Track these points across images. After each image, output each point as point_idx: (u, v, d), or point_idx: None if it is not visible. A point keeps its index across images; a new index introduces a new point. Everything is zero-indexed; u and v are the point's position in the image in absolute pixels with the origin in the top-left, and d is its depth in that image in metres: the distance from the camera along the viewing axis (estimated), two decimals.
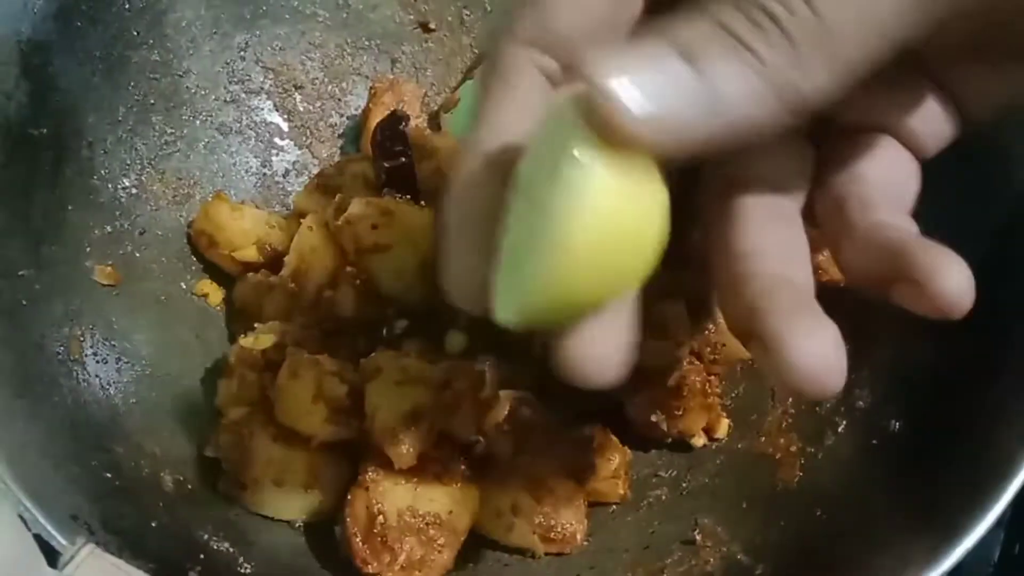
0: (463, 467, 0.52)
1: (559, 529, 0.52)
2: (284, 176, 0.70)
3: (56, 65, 0.58)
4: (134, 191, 0.62)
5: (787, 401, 0.59)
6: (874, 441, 0.53)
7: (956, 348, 0.53)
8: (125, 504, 0.48)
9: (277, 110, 0.70)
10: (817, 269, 0.58)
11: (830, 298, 0.60)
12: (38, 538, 0.42)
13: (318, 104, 0.71)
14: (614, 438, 0.56)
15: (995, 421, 0.49)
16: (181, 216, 0.64)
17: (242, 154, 0.69)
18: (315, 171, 0.69)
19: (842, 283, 0.59)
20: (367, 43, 0.72)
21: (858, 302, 0.60)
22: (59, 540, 0.42)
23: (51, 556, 0.43)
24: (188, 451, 0.55)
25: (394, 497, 0.49)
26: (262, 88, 0.69)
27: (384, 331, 0.56)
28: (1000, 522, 0.48)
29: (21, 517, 0.42)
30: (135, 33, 0.63)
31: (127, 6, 0.62)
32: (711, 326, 0.57)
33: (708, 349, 0.57)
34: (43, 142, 0.57)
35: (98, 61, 0.61)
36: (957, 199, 0.56)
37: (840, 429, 0.56)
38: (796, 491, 0.54)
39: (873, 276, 0.36)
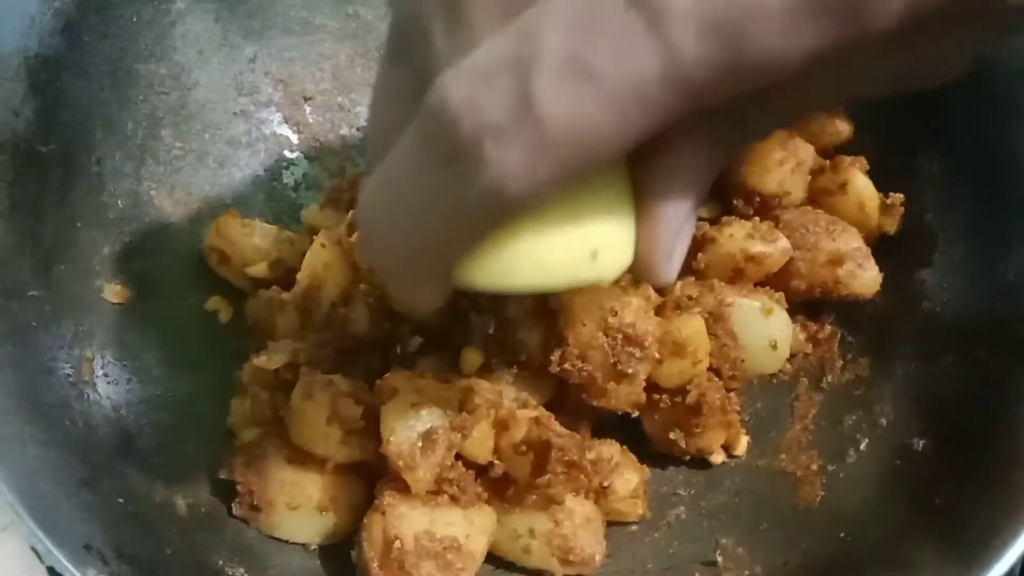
0: (480, 489, 0.51)
1: (578, 551, 0.51)
2: (295, 189, 0.69)
3: (64, 80, 0.57)
4: (144, 207, 0.62)
5: (807, 417, 0.58)
6: (897, 460, 0.53)
7: (981, 364, 0.53)
8: (139, 531, 0.48)
9: (287, 122, 0.69)
10: (837, 283, 0.58)
11: (850, 313, 0.60)
12: (51, 570, 0.41)
13: (328, 116, 0.70)
14: (632, 456, 0.56)
15: (1022, 442, 0.48)
16: (191, 232, 0.63)
17: (252, 167, 0.68)
18: (326, 184, 0.68)
19: (862, 298, 0.59)
20: (377, 53, 0.71)
21: (878, 317, 0.60)
22: (72, 572, 0.42)
23: None
24: (201, 474, 0.54)
25: (411, 521, 0.49)
26: (271, 100, 0.69)
27: (398, 349, 0.55)
28: None
29: (33, 549, 0.41)
30: (143, 46, 0.62)
31: (135, 19, 0.62)
32: (729, 342, 0.56)
33: (727, 365, 0.57)
34: (52, 159, 0.56)
35: (106, 76, 0.60)
36: (981, 216, 0.56)
37: (862, 447, 0.55)
38: (818, 511, 0.53)
39: None
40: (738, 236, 0.58)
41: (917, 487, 0.51)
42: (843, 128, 0.63)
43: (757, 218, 0.60)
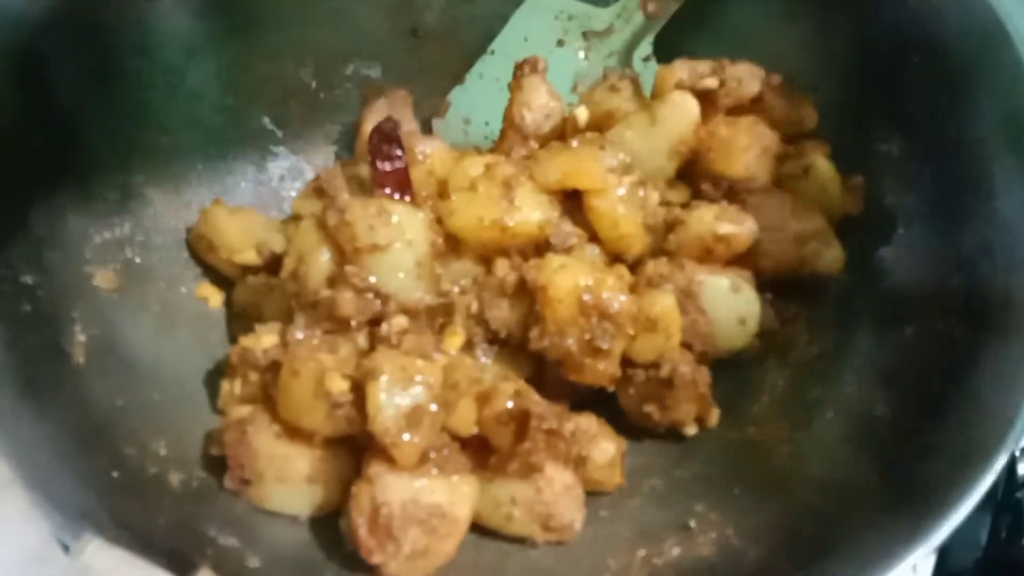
0: (463, 459, 0.53)
1: (558, 518, 0.53)
2: (280, 181, 0.71)
3: (52, 75, 0.59)
4: (133, 198, 0.63)
5: (775, 390, 0.61)
6: (860, 426, 0.55)
7: (939, 335, 0.55)
8: (133, 501, 0.49)
9: (271, 117, 0.71)
10: (802, 262, 0.61)
11: (815, 291, 0.62)
12: None
13: (311, 111, 0.72)
14: (610, 427, 0.58)
15: (976, 405, 0.51)
16: (180, 221, 0.65)
17: (238, 161, 0.70)
18: (310, 176, 0.70)
19: (827, 276, 0.61)
20: (359, 50, 0.73)
21: (842, 292, 0.62)
22: (69, 535, 0.43)
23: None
24: (193, 450, 0.56)
25: (397, 489, 0.50)
26: (257, 96, 0.70)
27: (383, 329, 0.57)
28: (987, 506, 0.49)
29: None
30: (130, 44, 0.64)
31: (122, 17, 0.63)
32: (700, 318, 0.59)
33: (698, 341, 0.59)
34: (41, 151, 0.57)
35: (94, 71, 0.61)
36: (937, 195, 0.59)
37: (828, 416, 0.57)
38: (786, 476, 0.56)
39: None
40: (707, 218, 0.60)
41: (877, 451, 0.53)
42: (809, 116, 0.65)
43: (725, 201, 0.62)
